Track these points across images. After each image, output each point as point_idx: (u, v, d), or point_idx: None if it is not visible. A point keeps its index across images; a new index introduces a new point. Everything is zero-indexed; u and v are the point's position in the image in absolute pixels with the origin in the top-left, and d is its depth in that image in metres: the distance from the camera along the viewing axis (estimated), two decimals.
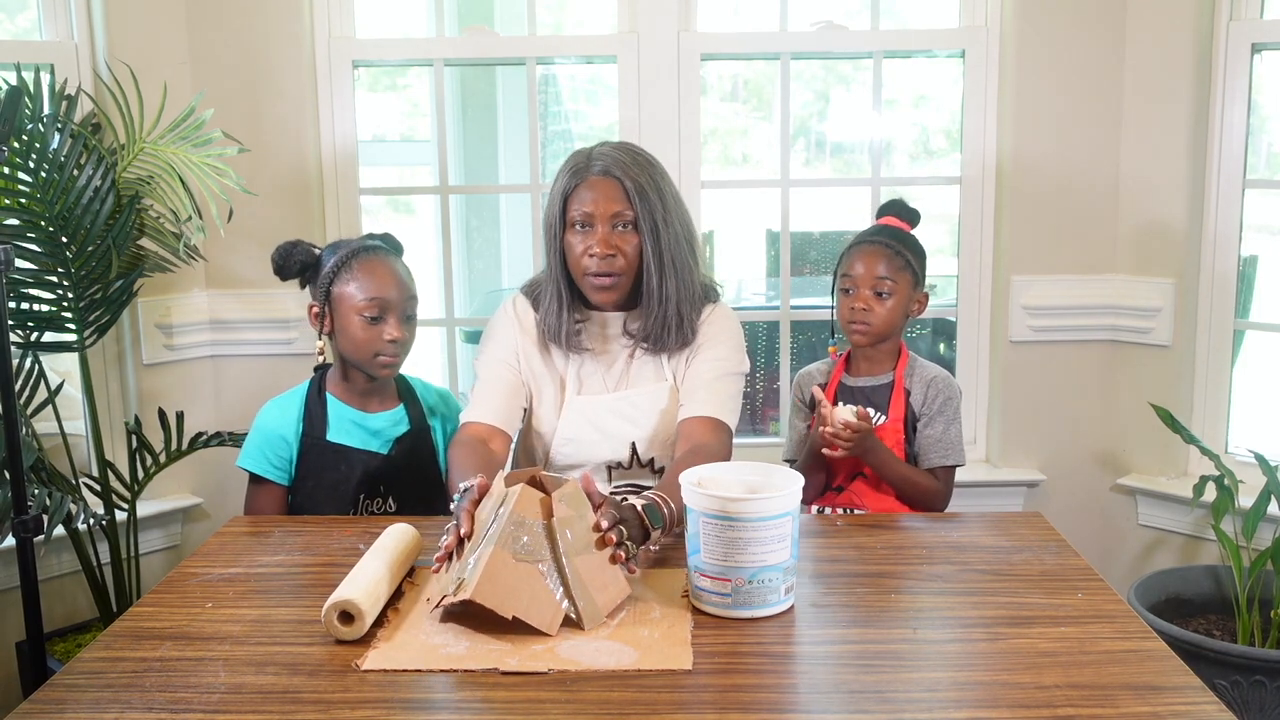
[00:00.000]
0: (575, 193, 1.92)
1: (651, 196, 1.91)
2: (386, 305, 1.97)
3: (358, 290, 1.97)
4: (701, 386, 1.96)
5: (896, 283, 2.07)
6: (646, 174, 1.93)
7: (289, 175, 2.86)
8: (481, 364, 2.04)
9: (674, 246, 1.94)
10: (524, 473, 1.56)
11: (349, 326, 1.98)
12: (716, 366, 1.99)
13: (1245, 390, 2.91)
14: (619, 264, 1.92)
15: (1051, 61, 2.82)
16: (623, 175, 1.90)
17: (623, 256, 1.91)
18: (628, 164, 1.92)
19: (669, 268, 1.93)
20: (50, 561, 2.70)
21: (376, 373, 2.02)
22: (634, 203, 1.90)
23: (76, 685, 1.33)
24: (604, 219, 1.90)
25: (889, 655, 1.37)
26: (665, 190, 1.95)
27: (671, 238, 1.93)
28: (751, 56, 3.23)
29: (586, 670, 1.33)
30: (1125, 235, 2.88)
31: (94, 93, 2.67)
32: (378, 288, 1.97)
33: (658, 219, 1.91)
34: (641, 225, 1.91)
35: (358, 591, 1.43)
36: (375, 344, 1.98)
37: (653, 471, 2.03)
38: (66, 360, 2.84)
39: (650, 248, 1.92)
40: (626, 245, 1.91)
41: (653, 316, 1.96)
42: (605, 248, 1.90)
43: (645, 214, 1.90)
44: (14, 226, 2.39)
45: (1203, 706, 1.24)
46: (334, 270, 2.00)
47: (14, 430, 1.92)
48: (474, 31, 3.06)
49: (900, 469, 2.04)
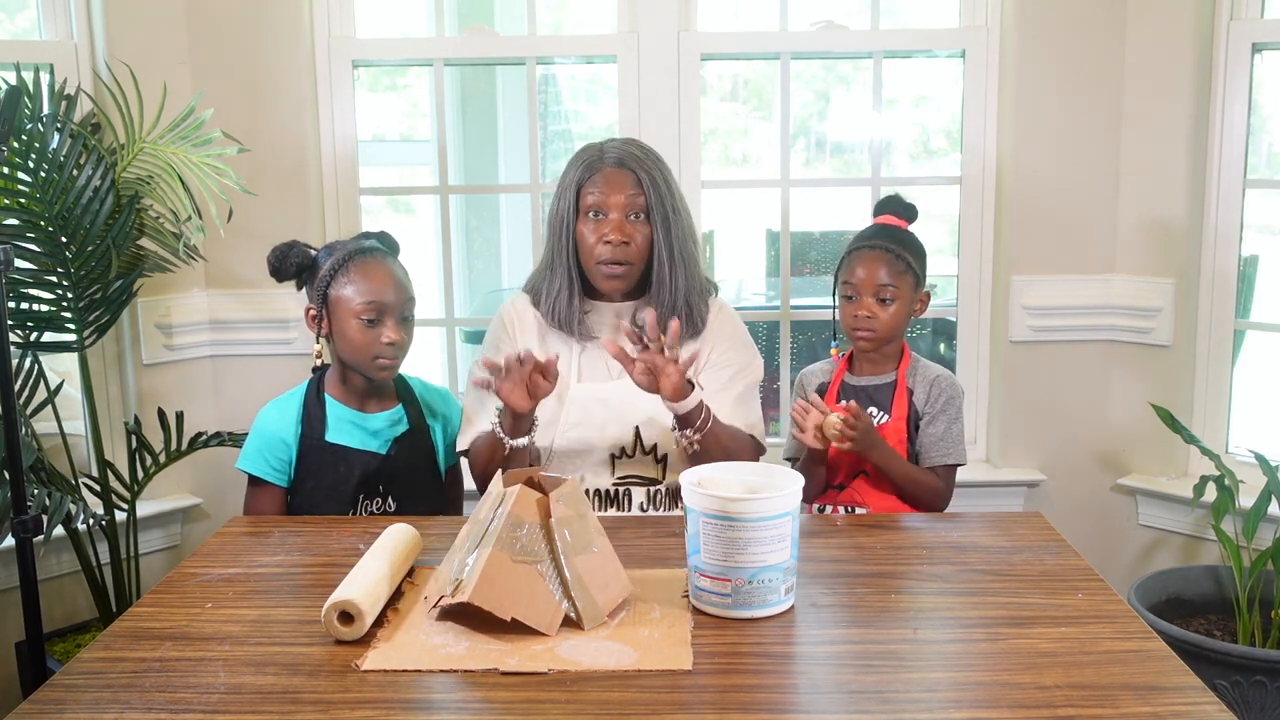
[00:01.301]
0: (589, 182, 1.99)
1: (663, 188, 1.99)
2: (384, 308, 1.97)
3: (355, 294, 1.97)
4: (731, 403, 2.02)
5: (899, 288, 2.07)
6: (658, 167, 2.01)
7: (289, 175, 2.86)
8: (471, 386, 2.07)
9: (683, 239, 2.02)
10: (522, 473, 1.56)
11: (347, 330, 1.98)
12: (737, 378, 2.05)
13: (1245, 390, 2.91)
14: (631, 252, 1.97)
15: (1052, 61, 2.81)
16: (636, 167, 1.98)
17: (634, 245, 1.97)
18: (640, 157, 2.00)
19: (678, 259, 2.00)
20: (50, 561, 2.70)
21: (375, 375, 2.01)
22: (647, 193, 1.97)
23: (76, 685, 1.33)
24: (618, 208, 1.96)
25: (889, 655, 1.37)
26: (672, 182, 2.03)
27: (680, 230, 2.01)
28: (751, 56, 3.23)
29: (586, 670, 1.33)
30: (1125, 235, 2.87)
31: (94, 93, 2.67)
32: (375, 291, 1.97)
33: (669, 210, 1.99)
34: (654, 216, 1.98)
35: (358, 591, 1.43)
36: (373, 347, 1.97)
37: (656, 460, 2.04)
38: (66, 360, 2.84)
39: (662, 238, 1.98)
40: (638, 234, 1.98)
41: (663, 307, 2.00)
42: (620, 235, 1.96)
43: (658, 204, 1.97)
44: (14, 226, 2.39)
45: (1203, 707, 1.24)
46: (330, 273, 1.99)
47: (14, 430, 1.92)
48: (474, 31, 3.06)
49: (903, 467, 2.04)
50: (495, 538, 1.44)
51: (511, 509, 1.46)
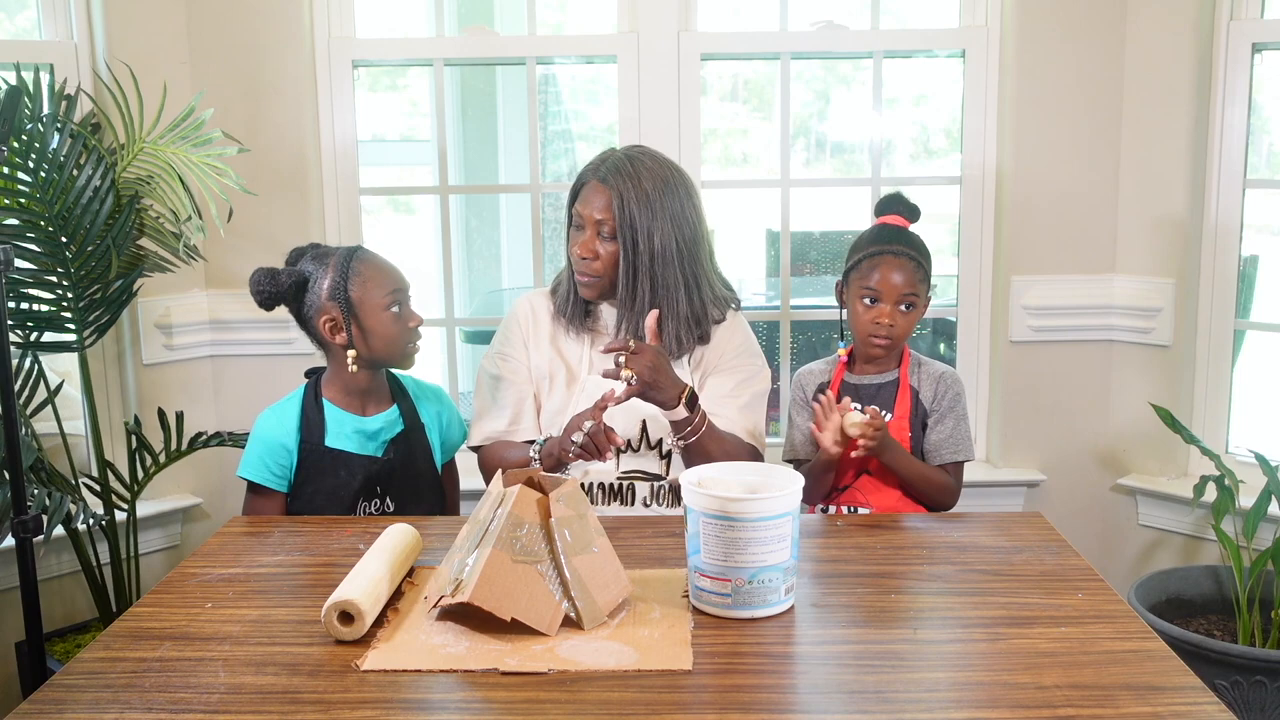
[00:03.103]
0: (580, 192, 2.04)
1: (633, 208, 1.98)
2: (403, 293, 2.01)
3: (375, 286, 1.98)
4: (735, 411, 2.06)
5: (918, 294, 2.07)
6: (642, 186, 1.99)
7: (289, 175, 2.86)
8: (486, 377, 2.14)
9: (657, 258, 2.00)
10: (522, 473, 1.56)
11: (378, 325, 1.98)
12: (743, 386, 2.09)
13: (1245, 390, 2.91)
14: (595, 267, 2.02)
15: (1052, 62, 2.81)
16: (617, 184, 1.99)
17: (600, 261, 2.02)
18: (626, 173, 1.99)
19: (644, 277, 2.00)
20: (50, 561, 2.70)
21: (409, 362, 2.05)
22: (615, 215, 1.98)
23: (76, 685, 1.33)
24: (590, 223, 2.01)
25: (889, 655, 1.37)
26: (660, 204, 2.00)
27: (656, 249, 1.99)
28: (751, 56, 3.23)
29: (586, 670, 1.33)
30: (1125, 235, 2.87)
31: (94, 93, 2.67)
32: (391, 279, 2.00)
33: (638, 230, 1.98)
34: (621, 235, 1.99)
35: (357, 592, 1.43)
36: (405, 333, 2.01)
37: (660, 456, 2.06)
38: (66, 360, 2.84)
39: (628, 257, 2.00)
40: (604, 251, 2.01)
41: (630, 322, 2.03)
42: (583, 251, 2.02)
43: (625, 226, 1.98)
44: (14, 226, 2.39)
45: (1203, 707, 1.24)
46: (342, 276, 1.97)
47: (14, 430, 1.92)
48: (474, 31, 3.07)
49: (916, 466, 2.04)
50: (495, 538, 1.44)
51: (511, 509, 1.46)
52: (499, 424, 2.10)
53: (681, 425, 1.94)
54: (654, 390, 1.88)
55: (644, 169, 2.01)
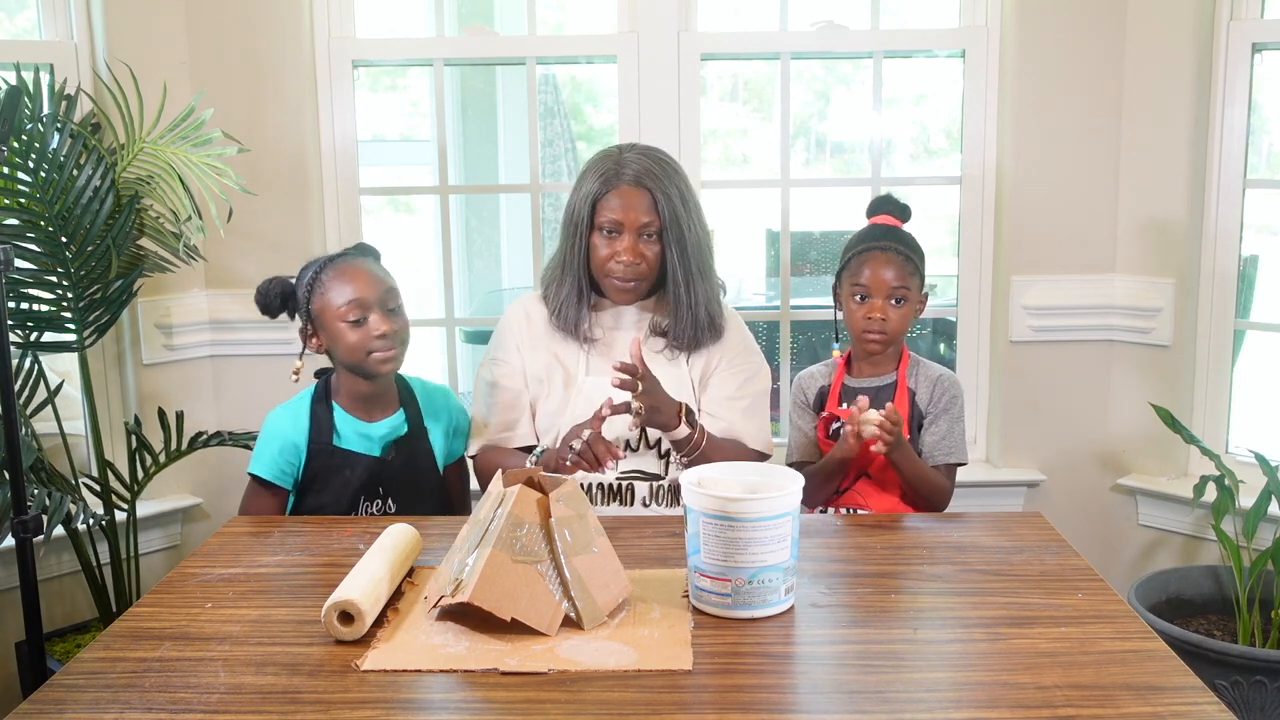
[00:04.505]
0: (605, 199, 1.99)
1: (678, 206, 1.99)
2: (365, 304, 1.96)
3: (335, 297, 1.97)
4: (739, 415, 2.07)
5: (909, 289, 2.07)
6: (674, 183, 2.00)
7: (289, 175, 2.86)
8: (482, 384, 2.14)
9: (697, 253, 2.03)
10: (521, 473, 1.56)
11: (338, 335, 1.98)
12: (745, 388, 2.09)
13: (1245, 390, 2.91)
14: (643, 270, 2.01)
15: (1052, 61, 2.81)
16: (653, 186, 1.98)
17: (646, 264, 2.00)
18: (658, 174, 1.99)
19: (695, 274, 2.03)
20: (50, 561, 2.70)
21: (378, 370, 1.99)
22: (662, 215, 1.98)
23: (76, 685, 1.33)
24: (632, 228, 1.98)
25: (889, 655, 1.37)
26: (688, 197, 2.03)
27: (694, 244, 2.02)
28: (751, 56, 3.23)
29: (586, 670, 1.33)
30: (1125, 235, 2.87)
31: (94, 93, 2.67)
32: (352, 290, 1.97)
33: (683, 228, 2.00)
34: (667, 236, 1.99)
35: (357, 592, 1.43)
36: (366, 343, 1.96)
37: (659, 456, 2.06)
38: (66, 360, 2.84)
39: (677, 257, 2.01)
40: (650, 252, 2.00)
41: (683, 321, 2.04)
42: (632, 256, 1.99)
43: (673, 225, 1.99)
44: (14, 226, 2.39)
45: (1203, 707, 1.24)
46: (309, 287, 2.00)
47: (14, 430, 1.91)
48: (474, 31, 3.07)
49: (919, 467, 2.04)
50: (495, 538, 1.44)
51: (511, 509, 1.46)
52: (495, 432, 2.10)
53: (684, 443, 1.96)
54: (655, 414, 1.90)
55: (667, 165, 2.02)
